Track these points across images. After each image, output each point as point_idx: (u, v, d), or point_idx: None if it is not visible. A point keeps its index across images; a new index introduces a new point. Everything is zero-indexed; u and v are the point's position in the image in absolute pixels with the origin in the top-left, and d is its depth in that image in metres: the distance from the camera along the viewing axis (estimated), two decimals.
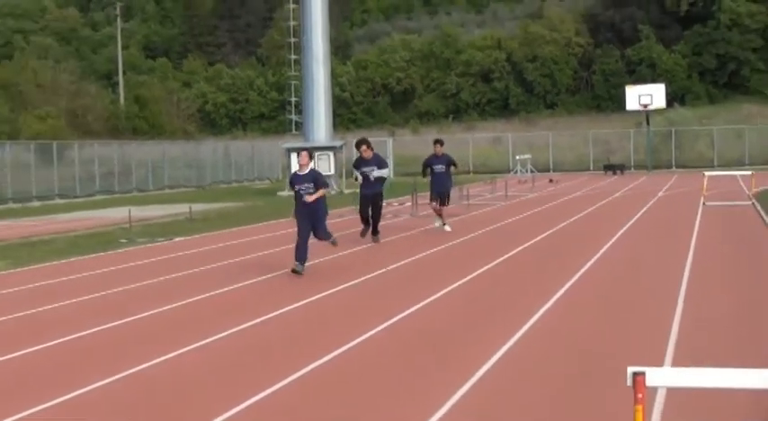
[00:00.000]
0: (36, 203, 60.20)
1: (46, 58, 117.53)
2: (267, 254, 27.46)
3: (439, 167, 27.95)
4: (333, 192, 59.88)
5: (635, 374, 6.19)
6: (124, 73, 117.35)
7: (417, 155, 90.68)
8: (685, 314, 15.78)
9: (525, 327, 14.77)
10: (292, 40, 78.41)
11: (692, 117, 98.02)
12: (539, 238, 29.25)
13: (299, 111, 72.12)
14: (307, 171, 17.07)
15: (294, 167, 64.40)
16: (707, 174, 47.11)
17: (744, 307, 16.72)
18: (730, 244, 25.82)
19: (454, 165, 28.35)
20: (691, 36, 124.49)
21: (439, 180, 27.94)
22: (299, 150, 18.51)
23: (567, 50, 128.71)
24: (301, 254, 19.36)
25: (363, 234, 27.50)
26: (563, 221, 35.15)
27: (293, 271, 19.95)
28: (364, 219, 27.36)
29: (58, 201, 62.63)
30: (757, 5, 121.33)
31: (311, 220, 17.57)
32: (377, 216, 26.72)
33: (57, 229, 37.77)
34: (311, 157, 16.77)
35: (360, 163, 26.54)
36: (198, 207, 48.40)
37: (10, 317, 18.23)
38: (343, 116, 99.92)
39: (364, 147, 26.46)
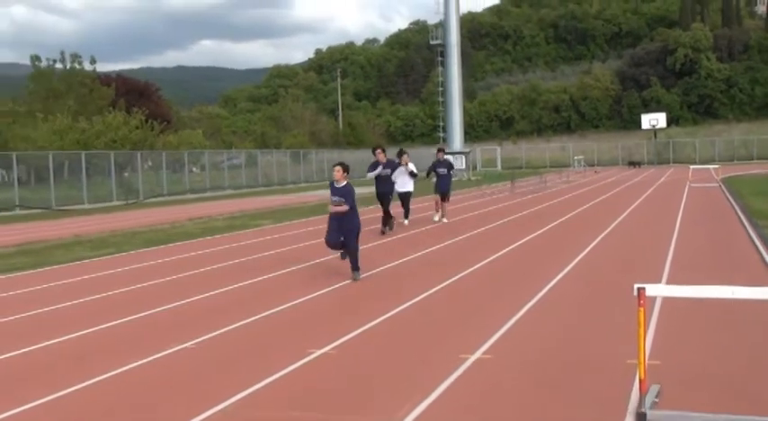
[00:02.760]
0: (290, 186, 60.62)
1: (297, 101, 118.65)
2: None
3: (442, 170, 22.77)
4: (463, 179, 59.55)
5: (639, 289, 5.89)
6: (342, 109, 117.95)
7: (515, 157, 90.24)
8: (677, 245, 15.97)
9: (577, 260, 14.32)
10: (440, 88, 78.12)
11: (682, 133, 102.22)
12: (592, 203, 29.40)
13: (444, 131, 72.21)
14: (343, 184, 12.66)
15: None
16: (691, 167, 48.13)
17: (710, 236, 17.47)
18: (704, 205, 25.82)
19: (452, 167, 23.18)
20: (682, 83, 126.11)
21: (442, 181, 22.79)
22: (341, 163, 13.60)
23: (605, 93, 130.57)
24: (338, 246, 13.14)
25: (388, 225, 20.62)
26: (605, 194, 35.22)
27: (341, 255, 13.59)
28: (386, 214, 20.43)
29: (302, 184, 62.94)
30: (723, 65, 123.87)
31: (341, 232, 12.58)
32: (387, 211, 20.21)
33: (301, 201, 37.64)
34: (346, 171, 12.81)
35: (375, 166, 20.40)
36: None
37: (272, 251, 17.75)
38: (470, 134, 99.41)
39: (379, 151, 20.64)
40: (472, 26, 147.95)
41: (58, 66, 70.65)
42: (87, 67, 72.17)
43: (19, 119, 62.91)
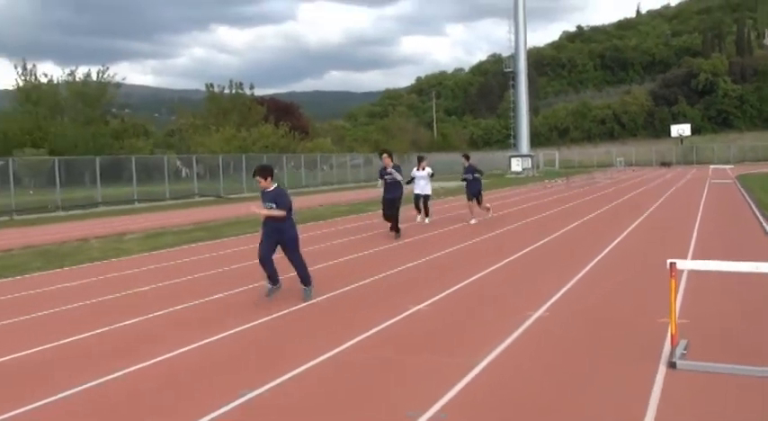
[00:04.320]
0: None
1: (402, 116, 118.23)
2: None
3: (468, 175, 18.59)
4: (530, 175, 58.75)
5: (671, 263, 5.62)
6: (436, 122, 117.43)
7: (569, 159, 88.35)
8: (700, 227, 15.43)
9: (620, 237, 13.93)
10: (511, 105, 77.10)
11: (703, 140, 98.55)
12: (632, 194, 28.64)
13: (515, 138, 71.11)
14: (271, 188, 8.92)
15: (515, 167, 65.24)
16: (711, 166, 45.94)
17: (726, 223, 16.30)
18: (722, 198, 24.41)
19: (480, 172, 18.91)
20: (703, 101, 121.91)
21: (471, 184, 18.48)
22: (260, 169, 8.87)
23: (641, 108, 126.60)
24: (270, 272, 8.79)
25: (395, 231, 15.72)
26: (641, 187, 34.15)
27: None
28: (388, 218, 15.82)
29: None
30: (737, 86, 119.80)
31: (277, 239, 8.84)
32: (396, 216, 15.60)
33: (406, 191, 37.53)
34: (269, 176, 8.85)
35: (383, 171, 15.84)
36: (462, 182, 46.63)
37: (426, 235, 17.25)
38: (534, 141, 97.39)
39: (385, 156, 15.86)
40: (536, 57, 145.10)
41: (226, 91, 72.78)
42: (247, 91, 74.19)
43: (198, 130, 64.78)
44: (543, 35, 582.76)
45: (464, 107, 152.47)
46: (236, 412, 4.88)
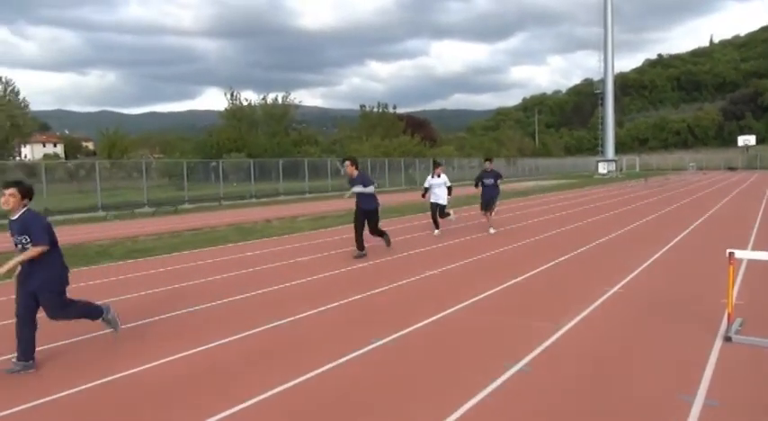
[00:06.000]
0: (505, 180, 59.20)
1: (510, 129, 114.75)
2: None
3: (488, 181, 13.49)
4: (614, 176, 55.82)
5: (729, 253, 5.18)
6: (537, 134, 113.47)
7: (648, 163, 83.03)
8: (760, 224, 13.74)
9: (688, 231, 12.95)
10: (600, 120, 73.25)
11: (767, 149, 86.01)
12: (703, 193, 26.78)
13: (602, 146, 67.70)
14: (18, 214, 4.47)
15: (601, 170, 62.50)
16: None
17: None
18: None
19: (500, 177, 13.65)
20: (767, 116, 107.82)
21: (488, 190, 13.55)
22: (6, 187, 4.51)
23: (712, 122, 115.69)
24: None
25: (387, 243, 11.04)
26: (711, 187, 31.82)
27: None
28: (359, 232, 10.42)
29: (512, 179, 61.01)
30: None
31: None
32: (373, 227, 10.67)
33: (510, 188, 36.57)
34: (26, 195, 4.54)
35: (350, 180, 10.62)
36: (561, 181, 44.92)
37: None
38: (619, 149, 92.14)
39: (348, 164, 10.51)
40: (622, 81, 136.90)
41: (375, 110, 73.63)
42: (391, 110, 74.79)
43: (353, 140, 66.06)
44: (628, 62, 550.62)
45: (561, 121, 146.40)
46: (369, 354, 4.99)
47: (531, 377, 4.40)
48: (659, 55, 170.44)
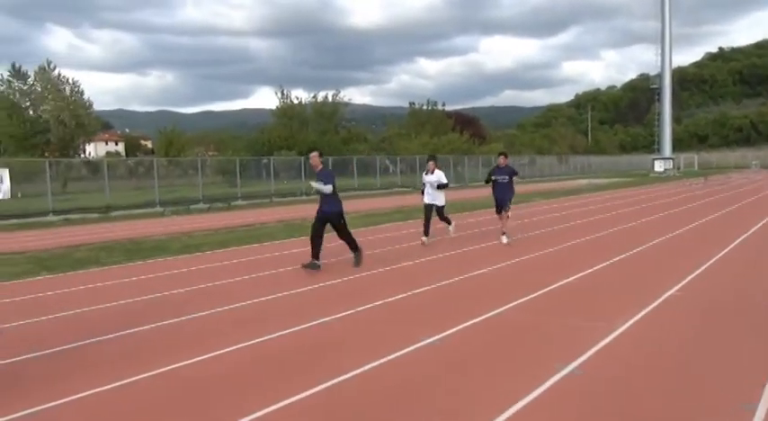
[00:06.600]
0: (556, 177, 58.07)
1: (563, 126, 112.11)
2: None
3: (502, 178, 11.51)
4: (671, 175, 53.93)
5: None
6: (590, 131, 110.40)
7: (708, 161, 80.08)
8: None
9: (751, 231, 12.36)
10: (656, 116, 70.98)
11: None
12: (765, 193, 25.25)
13: (658, 144, 65.63)
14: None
15: (657, 168, 60.14)
16: None
17: None
18: None
19: (516, 174, 11.70)
20: None
21: (501, 189, 11.53)
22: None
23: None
24: None
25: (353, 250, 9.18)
26: None
27: None
28: (315, 240, 8.71)
29: (563, 176, 59.66)
30: None
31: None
32: (344, 236, 9.03)
33: (560, 186, 35.91)
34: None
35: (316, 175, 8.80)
36: (615, 180, 43.49)
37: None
38: (676, 146, 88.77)
39: (313, 155, 8.79)
40: (680, 75, 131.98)
41: (424, 107, 73.40)
42: (440, 107, 74.39)
43: (402, 137, 66.02)
44: (687, 56, 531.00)
45: (615, 118, 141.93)
46: (417, 351, 4.96)
47: (581, 379, 4.26)
48: (720, 48, 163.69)
